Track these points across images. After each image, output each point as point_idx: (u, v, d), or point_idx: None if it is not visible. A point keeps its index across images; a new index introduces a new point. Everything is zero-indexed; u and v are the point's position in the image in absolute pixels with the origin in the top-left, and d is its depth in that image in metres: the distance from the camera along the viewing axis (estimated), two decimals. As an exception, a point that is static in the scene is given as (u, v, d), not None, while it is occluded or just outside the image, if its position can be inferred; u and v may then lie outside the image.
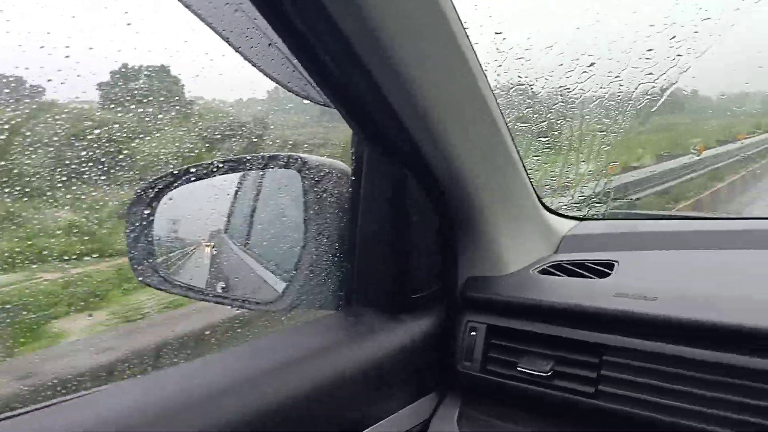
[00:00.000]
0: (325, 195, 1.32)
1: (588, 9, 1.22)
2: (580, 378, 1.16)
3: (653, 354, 1.08)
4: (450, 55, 1.08)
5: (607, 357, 1.14)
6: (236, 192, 1.82)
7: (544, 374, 1.19)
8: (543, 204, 1.61)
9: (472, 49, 1.13)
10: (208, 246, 1.78)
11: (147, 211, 1.45)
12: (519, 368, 1.23)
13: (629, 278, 1.29)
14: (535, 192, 1.55)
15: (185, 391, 0.96)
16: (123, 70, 1.70)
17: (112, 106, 1.58)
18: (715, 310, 1.07)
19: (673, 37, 1.19)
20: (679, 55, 1.20)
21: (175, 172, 1.48)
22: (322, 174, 1.33)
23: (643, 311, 1.11)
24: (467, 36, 1.10)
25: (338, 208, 1.34)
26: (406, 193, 1.30)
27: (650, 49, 1.23)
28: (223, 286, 1.80)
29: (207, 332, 1.45)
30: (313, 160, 1.36)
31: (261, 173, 1.70)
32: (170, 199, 1.49)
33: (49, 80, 1.21)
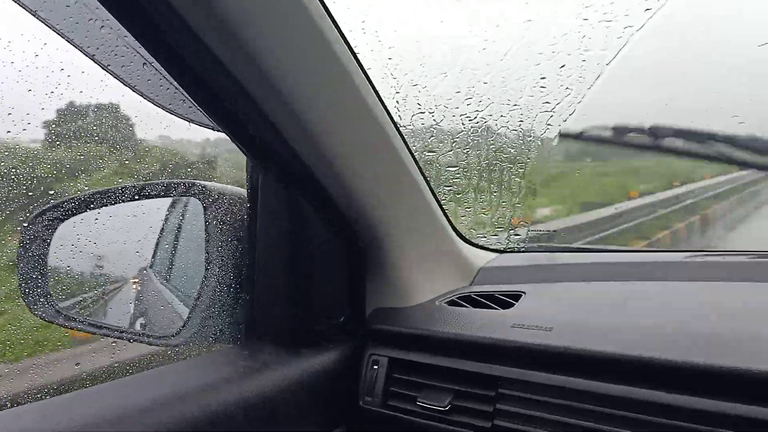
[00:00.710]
0: (221, 223, 1.28)
1: (475, 34, 1.22)
2: (476, 412, 1.11)
3: (547, 386, 1.05)
4: (337, 79, 1.05)
5: (502, 390, 1.10)
6: (164, 220, 1.76)
7: (442, 408, 1.15)
8: (461, 235, 1.58)
9: (364, 73, 1.10)
10: (134, 281, 1.71)
11: (41, 236, 1.37)
12: (418, 402, 1.19)
13: (531, 309, 1.26)
14: (451, 223, 1.52)
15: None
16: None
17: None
18: (608, 341, 1.04)
19: (563, 66, 1.20)
20: (569, 87, 1.19)
21: (73, 197, 1.40)
22: (220, 201, 1.29)
23: (536, 342, 1.08)
24: (357, 59, 1.08)
25: (235, 237, 1.29)
26: (307, 222, 1.26)
27: (543, 77, 1.24)
28: (143, 322, 1.73)
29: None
30: (212, 187, 1.32)
31: (186, 200, 1.65)
32: (73, 226, 1.42)
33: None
